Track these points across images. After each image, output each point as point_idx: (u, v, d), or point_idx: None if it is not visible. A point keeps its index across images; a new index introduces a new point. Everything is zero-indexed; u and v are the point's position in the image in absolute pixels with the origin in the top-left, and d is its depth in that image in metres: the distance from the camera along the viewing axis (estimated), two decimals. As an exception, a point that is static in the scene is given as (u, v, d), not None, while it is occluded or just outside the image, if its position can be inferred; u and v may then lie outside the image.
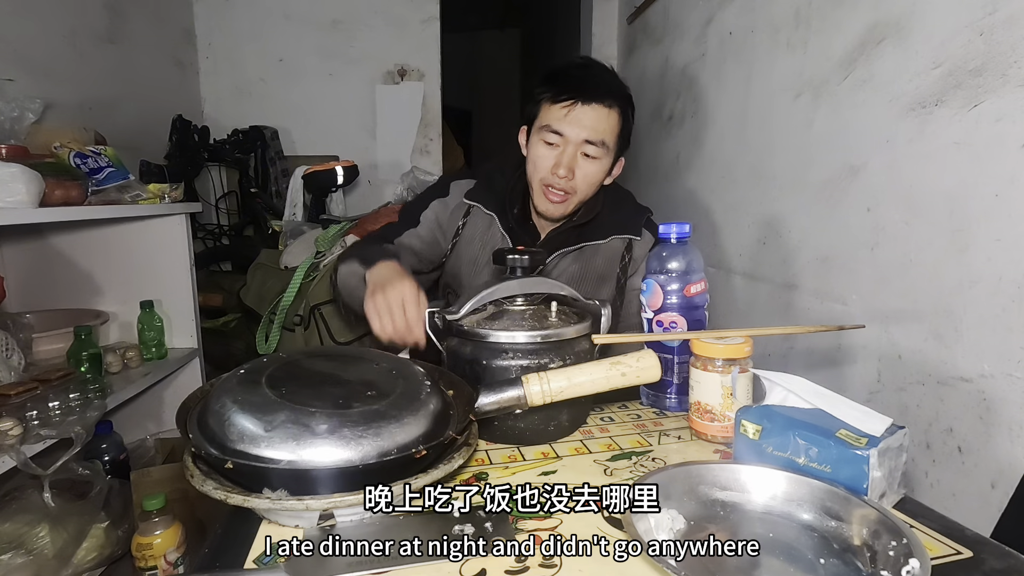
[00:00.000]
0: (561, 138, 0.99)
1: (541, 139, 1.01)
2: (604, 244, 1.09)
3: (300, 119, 2.55)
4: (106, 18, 1.87)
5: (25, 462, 0.99)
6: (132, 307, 1.56)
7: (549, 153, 1.01)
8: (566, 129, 0.99)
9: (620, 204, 1.13)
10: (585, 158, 1.00)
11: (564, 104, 0.98)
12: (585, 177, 1.02)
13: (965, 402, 0.81)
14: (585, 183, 1.02)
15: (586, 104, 0.98)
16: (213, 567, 0.52)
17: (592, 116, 0.98)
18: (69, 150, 1.34)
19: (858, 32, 1.02)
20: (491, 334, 0.75)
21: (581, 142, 0.99)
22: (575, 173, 1.00)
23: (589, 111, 0.98)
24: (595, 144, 0.99)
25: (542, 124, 1.01)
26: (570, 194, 1.02)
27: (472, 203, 1.09)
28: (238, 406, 0.57)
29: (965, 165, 0.81)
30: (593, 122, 0.99)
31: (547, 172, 1.01)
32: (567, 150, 0.99)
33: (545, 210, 1.05)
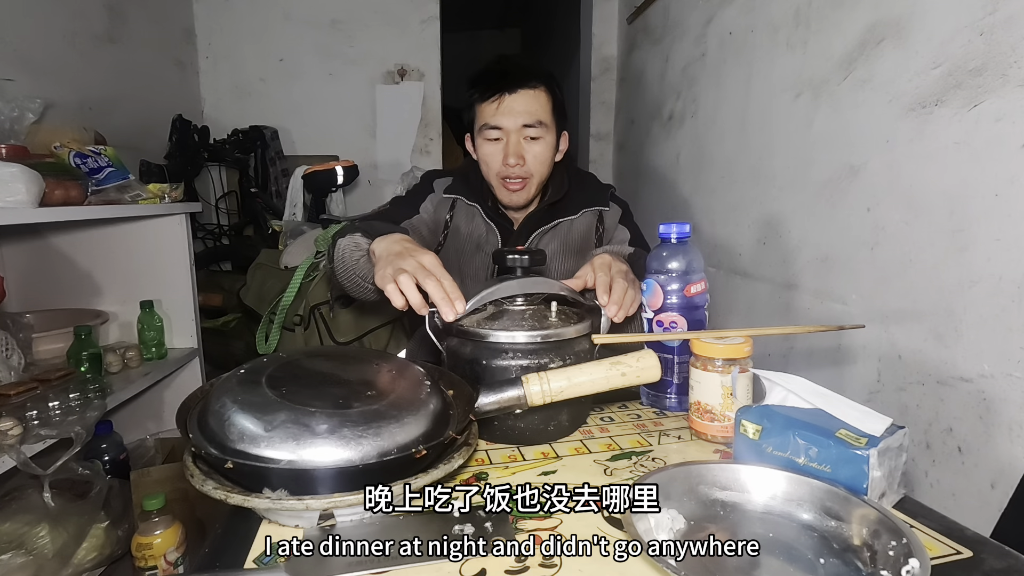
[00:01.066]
0: (500, 131, 1.06)
1: (484, 138, 1.08)
2: (577, 219, 1.15)
3: (300, 119, 2.55)
4: (106, 18, 1.87)
5: (25, 462, 0.99)
6: (132, 307, 1.56)
7: (495, 148, 1.07)
8: (502, 121, 1.05)
9: (584, 183, 1.21)
10: (529, 141, 1.06)
11: (492, 100, 1.05)
12: (535, 158, 1.07)
13: (965, 402, 0.81)
14: (537, 163, 1.08)
15: (512, 93, 1.04)
16: (213, 567, 0.52)
17: (521, 101, 1.05)
18: (69, 150, 1.34)
19: (858, 32, 1.02)
20: (491, 334, 0.75)
21: (519, 128, 1.05)
22: (525, 158, 1.06)
23: (517, 98, 1.04)
24: (533, 126, 1.05)
25: (480, 124, 1.07)
26: (527, 179, 1.08)
27: (455, 196, 1.15)
28: (238, 406, 0.57)
29: (965, 165, 0.81)
30: (524, 106, 1.05)
31: (499, 166, 1.07)
32: (510, 139, 1.05)
33: (509, 201, 1.11)
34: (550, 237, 1.14)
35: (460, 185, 1.16)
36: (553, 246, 1.14)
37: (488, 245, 1.14)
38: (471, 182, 1.16)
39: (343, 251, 1.01)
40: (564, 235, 1.15)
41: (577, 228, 1.16)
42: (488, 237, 1.14)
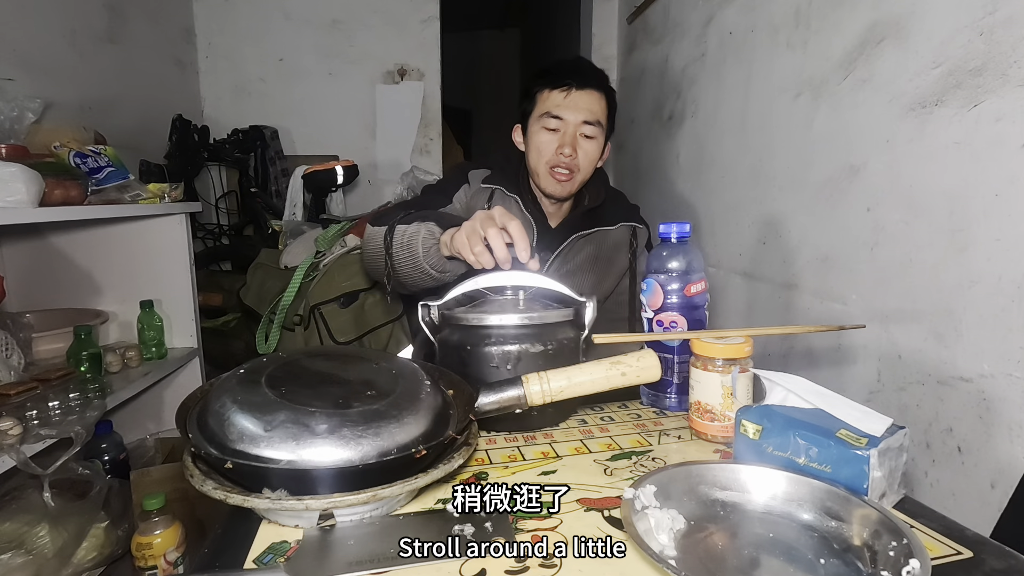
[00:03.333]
0: (561, 122, 1.10)
1: (542, 126, 1.11)
2: (614, 230, 1.21)
3: (300, 119, 2.55)
4: (106, 18, 1.87)
5: (25, 462, 0.99)
6: (132, 307, 1.56)
7: (551, 137, 1.11)
8: (565, 113, 1.09)
9: (618, 198, 1.27)
10: (584, 138, 1.11)
11: (562, 90, 1.09)
12: (586, 155, 1.12)
13: (965, 402, 0.81)
14: (586, 160, 1.12)
15: (580, 89, 1.09)
16: (213, 567, 0.52)
17: (587, 99, 1.10)
18: (69, 150, 1.34)
19: (858, 32, 1.02)
20: (474, 318, 0.78)
21: (580, 123, 1.10)
22: (577, 152, 1.10)
23: (584, 95, 1.09)
24: (592, 124, 1.10)
25: (542, 112, 1.11)
26: (574, 172, 1.12)
27: (494, 187, 1.17)
28: (238, 406, 0.57)
29: (965, 165, 0.81)
30: (589, 104, 1.10)
31: (552, 154, 1.10)
32: (567, 131, 1.10)
33: (553, 191, 1.14)
34: (585, 243, 1.18)
35: (499, 176, 1.19)
36: (587, 251, 1.19)
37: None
38: (509, 174, 1.19)
39: (411, 238, 0.95)
40: (599, 243, 1.20)
41: (612, 239, 1.21)
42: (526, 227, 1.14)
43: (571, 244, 1.18)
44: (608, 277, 1.23)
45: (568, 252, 1.18)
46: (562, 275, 1.16)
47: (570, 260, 1.19)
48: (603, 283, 1.22)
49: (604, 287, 1.23)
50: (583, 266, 1.19)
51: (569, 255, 1.18)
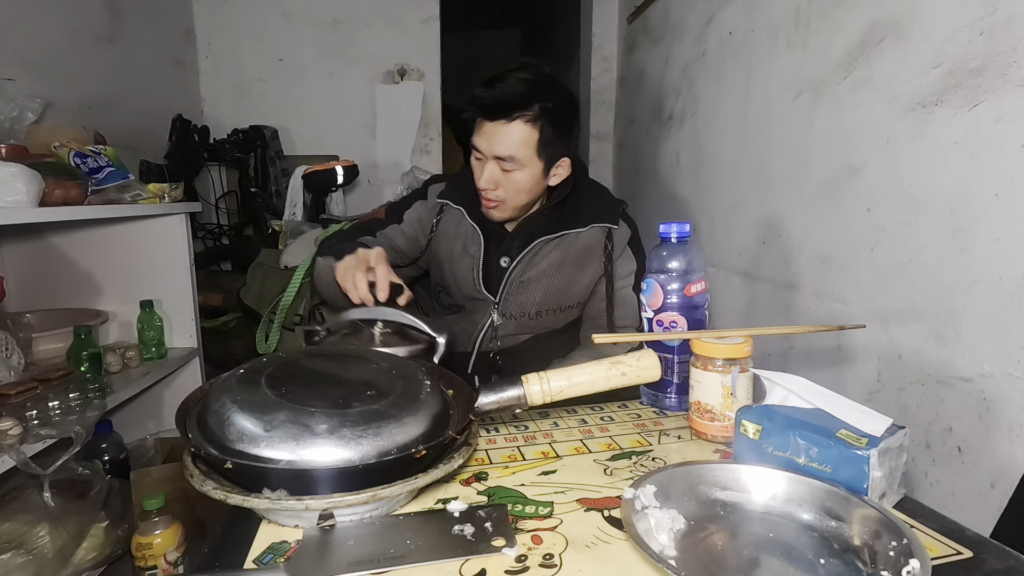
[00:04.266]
0: (480, 152, 1.03)
1: (472, 152, 1.06)
2: (584, 232, 1.11)
3: (300, 119, 2.55)
4: (106, 18, 1.87)
5: (25, 462, 0.99)
6: (132, 307, 1.56)
7: (477, 166, 1.05)
8: (480, 144, 1.02)
9: (597, 196, 1.16)
10: (505, 172, 1.03)
11: (475, 123, 1.03)
12: (512, 184, 1.04)
13: (965, 402, 0.81)
14: (512, 190, 1.04)
15: (490, 121, 1.00)
16: (213, 567, 0.52)
17: (499, 132, 0.99)
18: (69, 149, 1.34)
19: (858, 32, 1.02)
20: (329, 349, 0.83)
21: (494, 157, 1.02)
22: (499, 184, 1.03)
23: (493, 128, 1.00)
24: (504, 159, 1.01)
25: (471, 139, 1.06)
26: (499, 202, 1.06)
27: (443, 201, 1.14)
28: (238, 406, 0.57)
29: (965, 165, 0.81)
30: (499, 137, 1.00)
31: (478, 181, 1.05)
32: (487, 164, 1.03)
33: (486, 215, 1.10)
34: (553, 246, 1.12)
35: (451, 189, 1.15)
36: (553, 256, 1.12)
37: (473, 247, 1.12)
38: (464, 186, 1.14)
39: (319, 273, 1.09)
40: (566, 247, 1.12)
41: (582, 241, 1.12)
42: (473, 238, 1.12)
43: (535, 249, 1.11)
44: (578, 282, 1.14)
45: (531, 258, 1.11)
46: (523, 283, 1.12)
47: (532, 266, 1.12)
48: (572, 289, 1.14)
49: (575, 293, 1.14)
50: (547, 272, 1.12)
51: (532, 261, 1.12)
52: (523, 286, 1.12)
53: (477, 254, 1.11)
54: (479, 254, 1.11)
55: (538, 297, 1.13)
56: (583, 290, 1.14)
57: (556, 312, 1.15)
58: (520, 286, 1.12)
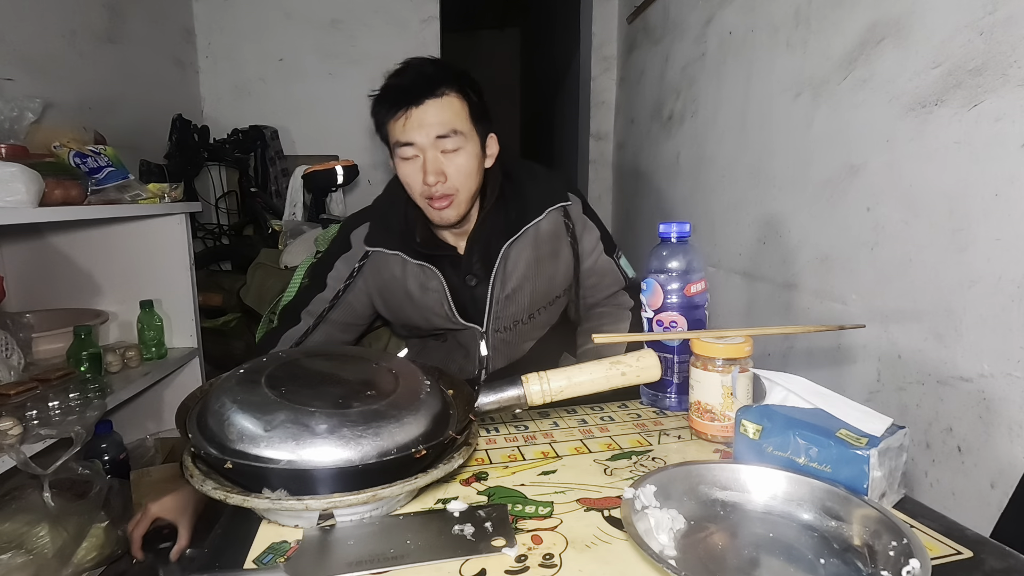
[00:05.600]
0: (414, 147, 0.95)
1: (400, 157, 0.98)
2: (543, 220, 1.04)
3: (300, 119, 2.55)
4: (106, 18, 1.87)
5: (25, 462, 0.99)
6: (132, 307, 1.56)
7: (413, 168, 0.97)
8: (413, 136, 0.95)
9: (536, 176, 1.08)
10: (447, 154, 0.96)
11: (398, 116, 0.95)
12: (458, 171, 0.96)
13: (965, 402, 0.81)
14: (461, 177, 0.97)
15: (418, 106, 0.94)
16: (213, 567, 0.52)
17: (430, 112, 0.94)
18: (69, 150, 1.34)
19: (858, 32, 1.02)
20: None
21: (433, 141, 0.94)
22: (446, 173, 0.96)
23: (426, 109, 0.94)
24: (447, 136, 0.94)
25: (393, 143, 0.98)
26: (452, 195, 0.97)
27: (373, 249, 1.04)
28: (238, 406, 0.57)
29: (965, 165, 0.81)
30: (434, 116, 0.94)
31: (420, 185, 0.97)
32: (427, 155, 0.95)
33: (439, 220, 1.00)
34: (521, 247, 1.03)
35: (378, 229, 1.05)
36: (526, 256, 1.04)
37: (431, 281, 1.03)
38: (391, 221, 1.05)
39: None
40: (534, 242, 1.04)
41: (545, 230, 1.05)
42: (427, 274, 1.03)
43: (503, 258, 1.02)
44: (558, 271, 1.08)
45: (504, 269, 1.03)
46: (508, 297, 1.04)
47: (511, 277, 1.04)
48: (555, 279, 1.08)
49: (558, 283, 1.09)
50: (528, 275, 1.05)
51: (508, 273, 1.03)
52: (509, 300, 1.05)
53: (440, 287, 1.03)
54: (442, 287, 1.02)
55: (527, 302, 1.07)
56: (565, 277, 1.09)
57: (547, 307, 1.10)
58: (506, 301, 1.05)
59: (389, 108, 0.97)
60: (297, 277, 1.67)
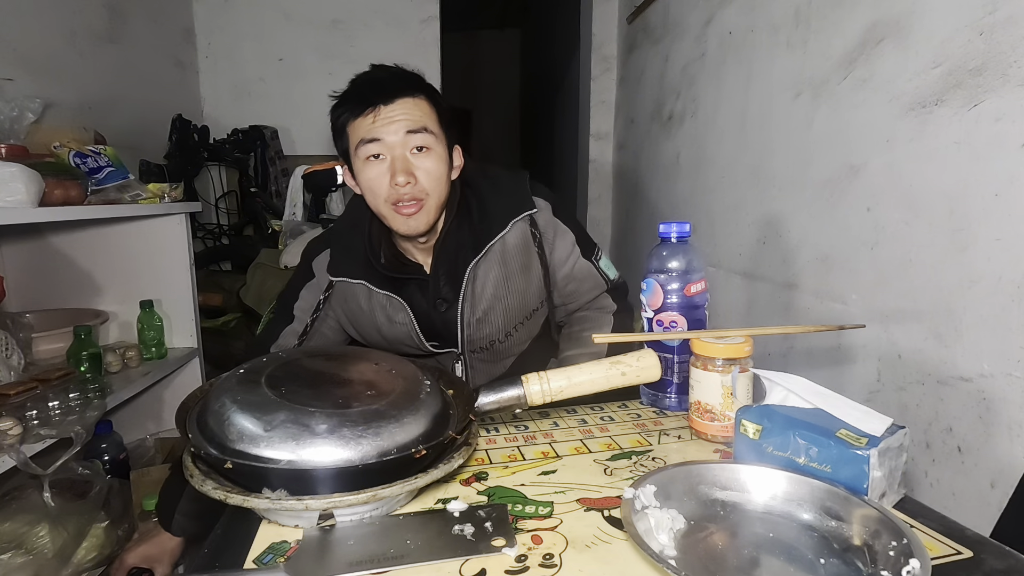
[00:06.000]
0: (381, 144, 0.89)
1: (363, 158, 0.90)
2: (508, 232, 0.98)
3: (300, 119, 2.55)
4: (106, 18, 1.87)
5: (25, 462, 0.99)
6: (132, 307, 1.56)
7: (379, 169, 0.90)
8: (381, 132, 0.88)
9: (499, 185, 1.01)
10: (417, 155, 0.90)
11: (368, 113, 0.89)
12: (428, 173, 0.90)
13: (965, 402, 0.81)
14: (430, 180, 0.91)
15: (389, 103, 0.89)
16: (213, 567, 0.52)
17: (401, 109, 0.89)
18: (69, 150, 1.34)
19: (858, 32, 1.02)
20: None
21: (403, 138, 0.89)
22: (415, 175, 0.90)
23: (396, 106, 0.89)
24: (418, 131, 0.89)
25: (356, 142, 0.90)
26: (421, 199, 0.91)
27: (337, 279, 0.99)
28: (237, 406, 0.57)
29: (965, 165, 0.81)
30: (404, 113, 0.89)
31: (387, 189, 0.90)
32: (395, 154, 0.89)
33: (407, 229, 0.93)
34: (488, 265, 0.98)
35: (340, 255, 1.00)
36: (495, 274, 0.98)
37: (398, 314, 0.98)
38: (353, 245, 0.99)
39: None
40: (501, 256, 0.98)
41: (512, 243, 0.99)
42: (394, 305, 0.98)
43: (470, 279, 0.97)
44: (532, 284, 1.02)
45: (473, 291, 0.98)
46: (479, 320, 0.99)
47: (481, 299, 0.98)
48: (528, 294, 1.02)
49: (532, 296, 1.03)
50: (498, 295, 0.99)
51: (477, 295, 0.98)
52: (481, 322, 1.00)
53: (407, 319, 0.98)
54: (409, 318, 0.98)
55: (500, 322, 1.02)
56: (538, 290, 1.03)
57: (524, 322, 1.05)
58: (478, 323, 1.00)
59: (356, 104, 0.90)
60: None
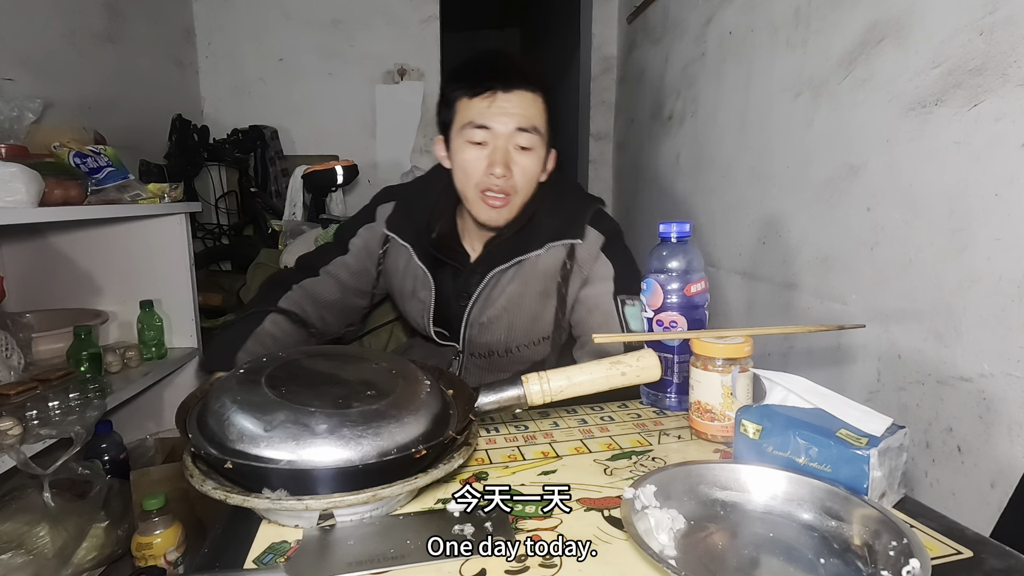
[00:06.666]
0: (488, 132, 0.88)
1: (466, 140, 0.90)
2: (542, 254, 0.96)
3: (300, 119, 2.55)
4: (106, 18, 1.87)
5: (25, 462, 0.99)
6: (132, 307, 1.56)
7: (479, 154, 0.89)
8: (492, 121, 0.87)
9: (561, 203, 0.99)
10: (519, 151, 0.89)
11: (484, 96, 0.87)
12: (524, 172, 0.90)
13: (965, 401, 0.81)
14: (524, 178, 0.91)
15: (507, 92, 0.87)
16: (213, 567, 0.52)
17: (517, 102, 0.88)
18: (69, 150, 1.34)
19: (858, 31, 1.02)
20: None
21: (512, 132, 0.88)
22: (512, 170, 0.89)
23: (513, 98, 0.87)
24: (527, 131, 0.88)
25: (464, 123, 0.89)
26: (510, 195, 0.91)
27: (390, 233, 1.00)
28: (237, 406, 0.57)
29: (965, 165, 0.81)
30: (520, 108, 0.88)
31: (481, 175, 0.89)
32: (498, 145, 0.88)
33: (487, 218, 0.93)
34: (509, 277, 0.97)
35: (401, 213, 1.00)
36: (512, 289, 0.96)
37: (422, 290, 0.98)
38: (413, 213, 0.99)
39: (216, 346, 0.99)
40: (526, 276, 0.97)
41: (542, 265, 0.96)
42: (422, 282, 0.98)
43: (491, 283, 0.96)
44: (546, 312, 0.99)
45: (488, 294, 0.97)
46: (483, 324, 0.98)
47: (490, 304, 0.97)
48: (540, 321, 0.99)
49: (543, 324, 0.99)
50: (508, 308, 0.97)
51: (490, 298, 0.97)
52: (484, 328, 0.99)
53: (427, 299, 0.98)
54: (429, 299, 0.98)
55: (503, 336, 1.00)
56: (551, 319, 1.00)
57: (530, 346, 1.02)
58: (481, 328, 0.99)
59: (474, 84, 0.88)
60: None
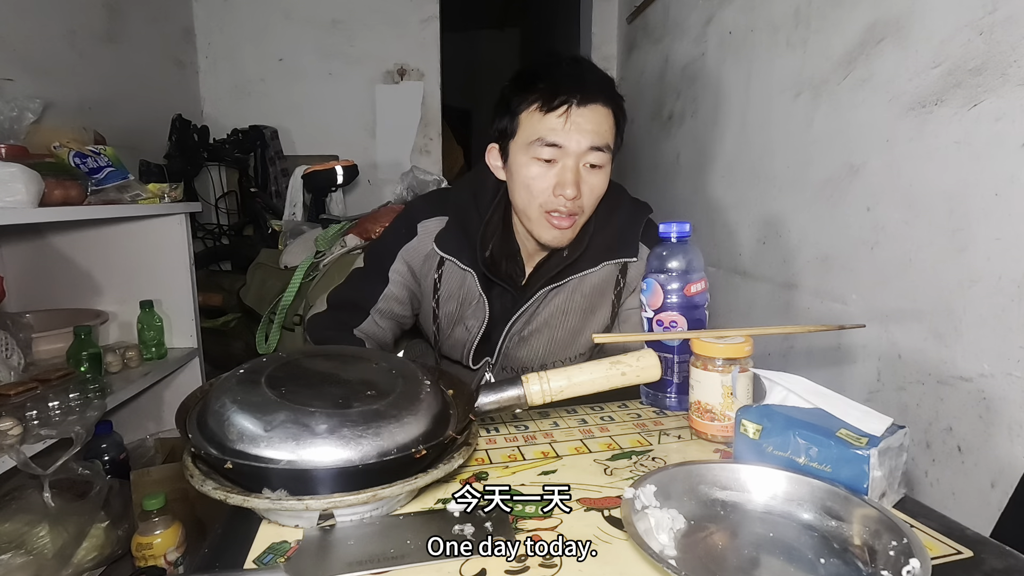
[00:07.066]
0: (560, 151, 0.83)
1: (533, 157, 0.84)
2: (595, 272, 0.94)
3: (300, 119, 2.55)
4: (106, 18, 1.87)
5: (25, 462, 0.99)
6: (132, 307, 1.56)
7: (547, 172, 0.84)
8: (566, 140, 0.82)
9: (612, 215, 0.95)
10: (589, 170, 0.85)
11: (560, 111, 0.82)
12: (592, 191, 0.86)
13: (965, 401, 0.81)
14: (592, 198, 0.87)
15: (583, 106, 0.83)
16: (213, 567, 0.52)
17: (592, 118, 0.83)
18: (69, 150, 1.34)
19: (858, 31, 1.02)
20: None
21: (584, 151, 0.83)
22: (581, 190, 0.84)
23: (588, 113, 0.83)
24: (600, 149, 0.84)
25: (533, 138, 0.84)
26: (576, 215, 0.87)
27: (446, 256, 0.93)
28: (238, 406, 0.57)
29: (965, 164, 0.81)
30: (595, 125, 0.83)
31: (548, 196, 0.85)
32: (568, 164, 0.83)
33: (551, 240, 0.89)
34: (555, 292, 0.95)
35: (455, 231, 0.93)
36: (556, 303, 0.94)
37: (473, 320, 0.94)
38: (469, 231, 0.93)
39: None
40: (572, 291, 0.95)
41: (590, 282, 0.94)
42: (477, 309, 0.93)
43: (539, 299, 0.94)
44: (587, 328, 0.97)
45: (535, 309, 0.95)
46: (523, 338, 0.96)
47: (535, 318, 0.95)
48: (580, 337, 0.97)
49: (582, 341, 0.98)
50: (550, 322, 0.95)
51: (536, 312, 0.95)
52: (523, 341, 0.96)
53: (476, 328, 0.93)
54: (478, 327, 0.93)
55: (540, 351, 0.97)
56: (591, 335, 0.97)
57: (566, 362, 0.99)
58: (520, 342, 0.96)
59: (548, 96, 0.82)
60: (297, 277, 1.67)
